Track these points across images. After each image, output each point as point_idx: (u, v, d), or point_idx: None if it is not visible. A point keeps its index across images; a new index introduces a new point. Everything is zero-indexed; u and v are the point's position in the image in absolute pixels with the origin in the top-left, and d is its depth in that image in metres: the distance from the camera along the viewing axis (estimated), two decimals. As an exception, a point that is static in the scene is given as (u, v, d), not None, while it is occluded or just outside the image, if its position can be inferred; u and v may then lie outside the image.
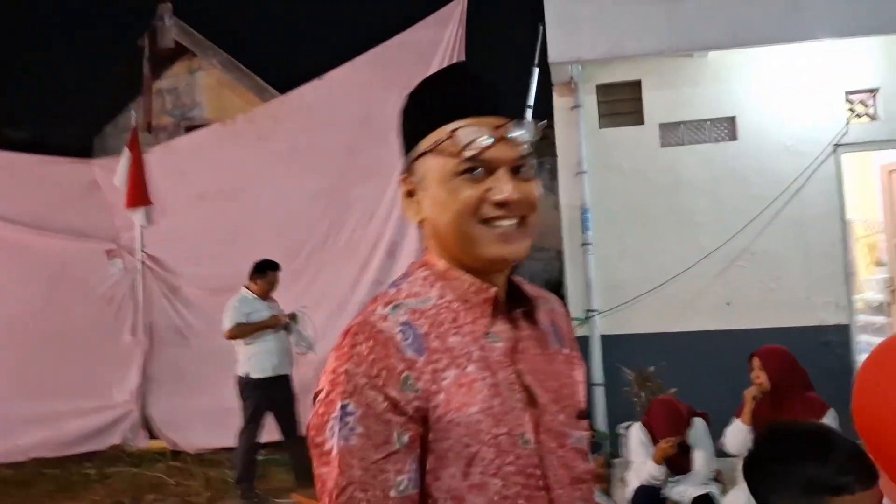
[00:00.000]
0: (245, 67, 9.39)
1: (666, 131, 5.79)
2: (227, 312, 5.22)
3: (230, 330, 5.16)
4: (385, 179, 6.29)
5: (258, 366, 5.17)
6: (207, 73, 9.94)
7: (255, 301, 5.31)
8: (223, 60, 9.42)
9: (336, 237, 6.46)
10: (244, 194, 6.63)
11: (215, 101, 9.81)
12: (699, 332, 5.60)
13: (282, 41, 11.09)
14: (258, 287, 5.34)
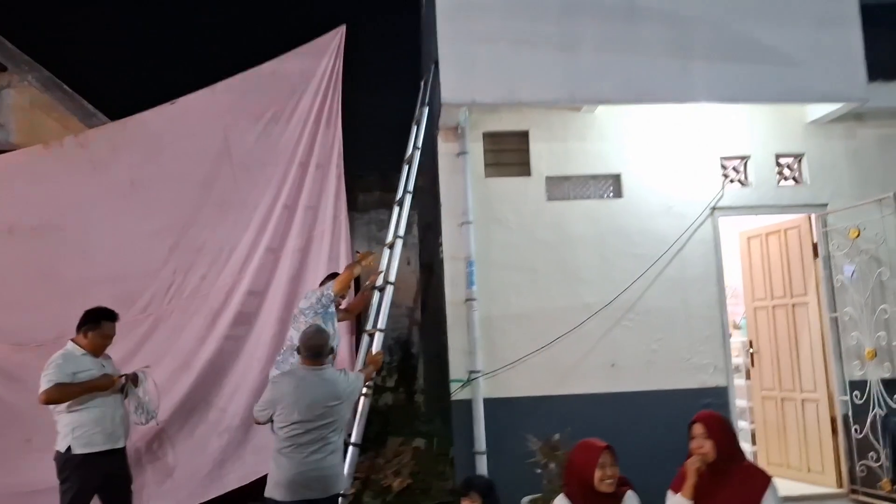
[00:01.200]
0: (69, 88, 8.30)
1: (552, 185, 5.68)
2: (46, 370, 4.28)
3: (47, 391, 4.21)
4: (243, 217, 5.68)
5: (84, 438, 4.27)
6: (18, 90, 8.69)
7: (83, 358, 4.41)
8: (41, 78, 8.28)
9: (182, 284, 5.65)
10: (68, 230, 5.66)
11: (26, 126, 8.58)
12: (586, 395, 5.42)
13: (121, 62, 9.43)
14: (89, 341, 4.45)
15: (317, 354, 4.05)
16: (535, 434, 4.99)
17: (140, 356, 5.31)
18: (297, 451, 3.88)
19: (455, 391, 5.35)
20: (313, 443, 3.91)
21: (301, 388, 3.91)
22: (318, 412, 3.91)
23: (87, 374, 4.34)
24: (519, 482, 4.75)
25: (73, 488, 4.21)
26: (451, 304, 5.47)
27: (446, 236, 5.53)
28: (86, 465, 4.24)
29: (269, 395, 3.91)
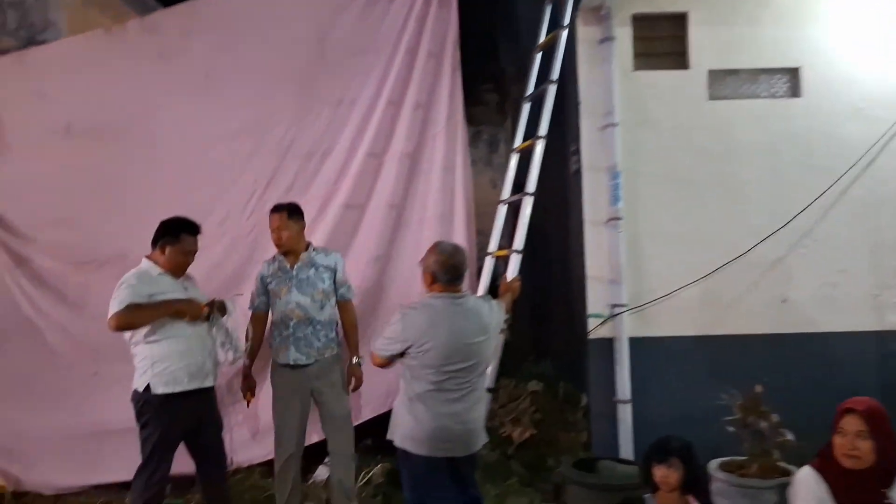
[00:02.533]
0: (125, -22, 7.41)
1: (715, 80, 4.68)
2: (117, 291, 3.52)
3: (117, 314, 3.45)
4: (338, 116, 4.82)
5: (165, 376, 3.55)
6: (69, -15, 7.86)
7: (161, 278, 3.65)
8: (94, -34, 7.41)
9: (263, 195, 4.84)
10: (132, 131, 4.86)
11: (77, 22, 7.72)
12: (750, 335, 4.54)
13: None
14: (167, 258, 3.68)
15: (458, 277, 3.25)
16: (682, 380, 4.30)
17: (216, 282, 4.56)
18: (438, 399, 3.11)
19: (593, 328, 4.51)
20: (458, 389, 3.14)
21: (442, 321, 3.12)
22: (463, 351, 3.13)
23: (165, 297, 3.59)
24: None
25: (154, 434, 3.52)
26: (589, 224, 4.58)
27: (585, 143, 4.60)
28: (168, 408, 3.54)
29: (399, 330, 3.11)
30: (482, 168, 9.49)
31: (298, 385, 4.00)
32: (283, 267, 4.06)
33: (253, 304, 4.16)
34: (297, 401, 4.00)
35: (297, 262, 4.03)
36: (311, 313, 3.99)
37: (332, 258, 4.14)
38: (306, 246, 4.10)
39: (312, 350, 4.00)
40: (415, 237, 4.75)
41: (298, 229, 4.05)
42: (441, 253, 3.26)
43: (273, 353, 4.08)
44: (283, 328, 4.01)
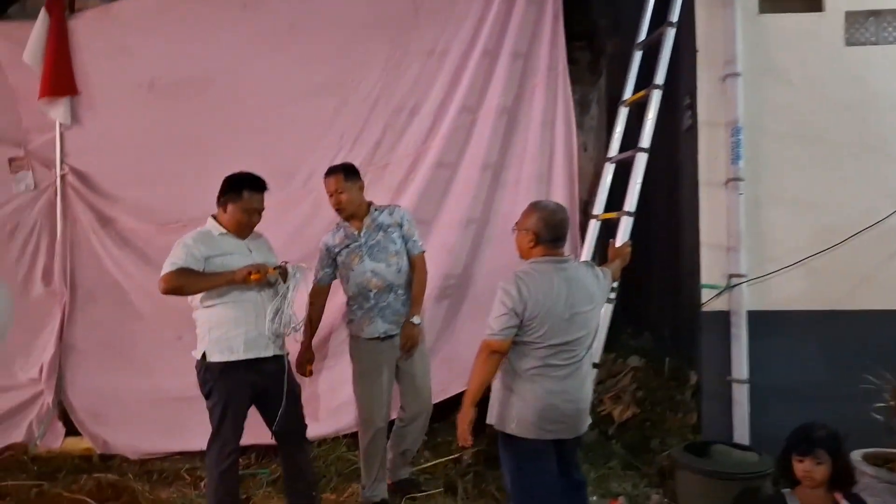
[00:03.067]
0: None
1: (853, 23, 4.14)
2: (173, 250, 3.29)
3: (165, 276, 3.21)
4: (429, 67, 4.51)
5: (222, 343, 3.30)
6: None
7: (222, 238, 3.38)
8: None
9: (350, 152, 4.59)
10: (216, 85, 4.70)
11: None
12: (889, 311, 4.04)
13: None
14: (229, 216, 3.41)
15: (561, 238, 2.94)
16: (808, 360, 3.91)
17: (296, 248, 4.35)
18: (545, 376, 2.80)
19: (708, 300, 4.10)
20: (566, 364, 2.84)
21: (548, 288, 2.80)
22: (570, 322, 2.82)
23: (226, 259, 3.30)
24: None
25: (219, 404, 3.31)
26: (705, 185, 4.15)
27: (702, 95, 4.15)
28: (228, 377, 3.30)
29: (516, 298, 2.77)
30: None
31: (386, 357, 3.77)
32: (349, 234, 3.79)
33: (316, 276, 3.88)
34: (384, 373, 3.77)
35: (362, 227, 3.75)
36: (389, 279, 3.73)
37: (398, 214, 3.83)
38: (367, 207, 3.81)
39: (400, 317, 3.75)
40: (511, 199, 4.42)
41: (357, 190, 3.76)
42: (543, 209, 2.94)
43: (354, 328, 3.82)
44: (362, 300, 3.75)
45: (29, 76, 4.71)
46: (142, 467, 4.43)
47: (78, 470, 4.39)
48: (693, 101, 4.21)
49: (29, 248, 4.75)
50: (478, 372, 2.81)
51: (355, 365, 3.84)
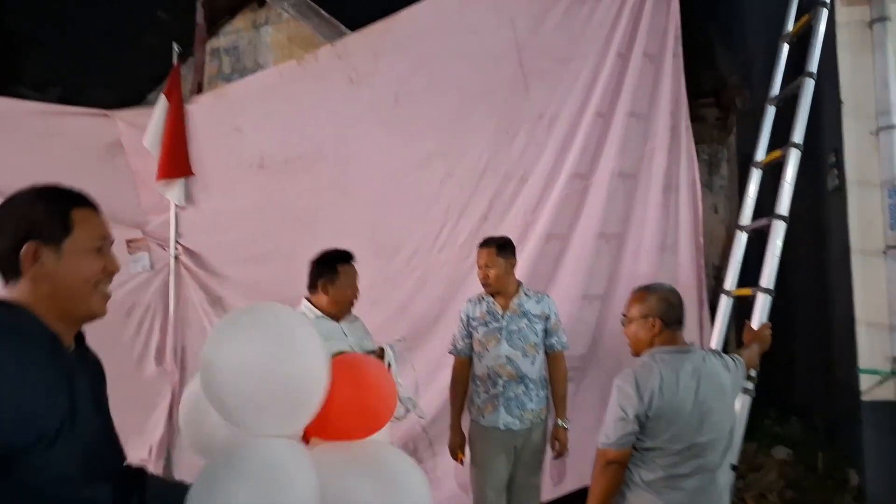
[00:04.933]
0: (327, 13, 7.44)
1: None
2: None
3: None
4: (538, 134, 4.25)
5: None
6: (276, 27, 8.08)
7: (319, 322, 3.16)
8: (298, 4, 7.51)
9: (456, 226, 4.38)
10: (323, 162, 4.63)
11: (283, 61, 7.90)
12: None
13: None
14: (331, 298, 3.21)
15: (682, 321, 2.55)
16: None
17: (400, 326, 4.17)
18: (673, 488, 2.38)
19: (869, 388, 3.50)
20: (698, 473, 2.40)
21: (673, 382, 2.39)
22: (701, 422, 2.39)
23: (330, 344, 3.11)
24: None
25: None
26: (858, 253, 3.61)
27: (850, 151, 3.64)
28: None
29: (635, 399, 2.39)
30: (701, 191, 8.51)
31: (504, 448, 3.47)
32: (492, 311, 3.56)
33: (456, 347, 3.67)
34: (502, 464, 3.47)
35: (507, 307, 3.53)
36: (522, 370, 3.47)
37: (546, 303, 3.59)
38: (517, 287, 3.57)
39: (526, 412, 3.47)
40: (631, 271, 4.03)
41: (508, 267, 3.55)
42: (660, 290, 2.57)
43: (475, 412, 3.56)
44: (489, 385, 3.50)
45: (148, 160, 4.83)
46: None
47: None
48: (839, 158, 3.72)
49: (144, 327, 4.78)
50: (595, 485, 2.43)
51: (472, 453, 3.57)
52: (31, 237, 1.39)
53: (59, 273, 1.41)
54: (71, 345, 1.48)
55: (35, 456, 1.26)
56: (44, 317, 1.39)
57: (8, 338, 1.31)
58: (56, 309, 1.41)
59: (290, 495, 1.41)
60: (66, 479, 1.32)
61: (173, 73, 5.05)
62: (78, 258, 1.43)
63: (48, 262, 1.40)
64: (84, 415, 1.39)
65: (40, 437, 1.27)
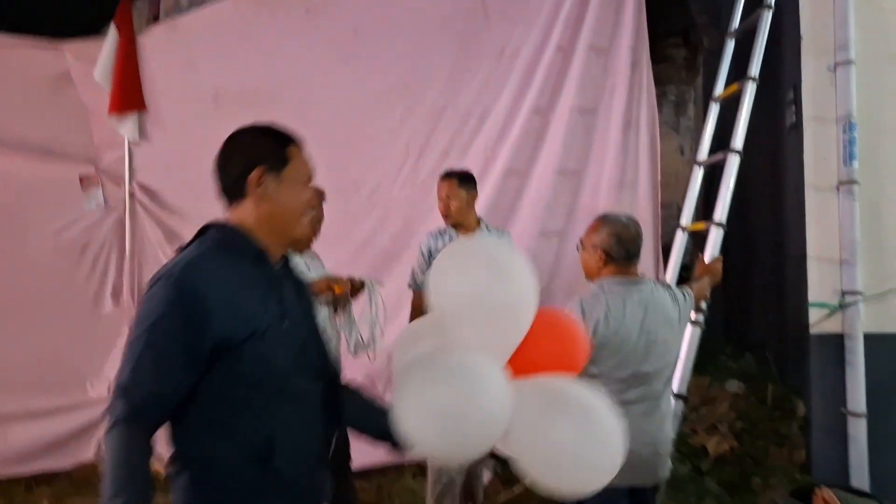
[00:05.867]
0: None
1: None
2: None
3: None
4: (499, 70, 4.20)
5: None
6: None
7: None
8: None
9: (417, 163, 4.36)
10: (280, 97, 4.50)
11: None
12: None
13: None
14: None
15: (635, 255, 2.60)
16: None
17: (361, 263, 4.16)
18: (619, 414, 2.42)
19: (817, 321, 3.59)
20: (641, 401, 2.47)
21: (620, 312, 2.44)
22: (647, 352, 2.46)
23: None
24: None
25: None
26: (812, 189, 3.65)
27: (808, 87, 3.65)
28: None
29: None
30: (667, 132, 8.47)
31: None
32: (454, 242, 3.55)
33: (416, 281, 3.68)
34: None
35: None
36: None
37: (506, 238, 3.63)
38: (477, 221, 3.57)
39: None
40: (590, 208, 4.04)
41: (469, 199, 3.54)
42: (613, 224, 2.59)
43: None
44: None
45: (100, 94, 4.68)
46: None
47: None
48: (797, 94, 3.72)
49: (99, 265, 4.71)
50: None
51: None
52: (258, 164, 1.64)
53: (278, 196, 1.64)
54: (279, 262, 1.71)
55: (248, 347, 1.53)
56: (256, 235, 1.64)
57: (224, 250, 1.61)
58: (270, 228, 1.65)
59: (484, 400, 1.54)
60: (275, 370, 1.57)
61: (123, 3, 4.88)
62: (293, 186, 1.67)
63: (270, 187, 1.64)
64: (292, 319, 1.65)
65: (252, 333, 1.53)
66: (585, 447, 1.62)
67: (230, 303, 1.53)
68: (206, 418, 1.54)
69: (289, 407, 1.59)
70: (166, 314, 1.49)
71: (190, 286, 1.51)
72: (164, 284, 1.53)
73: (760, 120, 3.80)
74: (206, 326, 1.49)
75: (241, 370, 1.53)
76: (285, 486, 1.58)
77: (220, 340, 1.50)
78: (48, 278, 4.66)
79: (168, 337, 1.48)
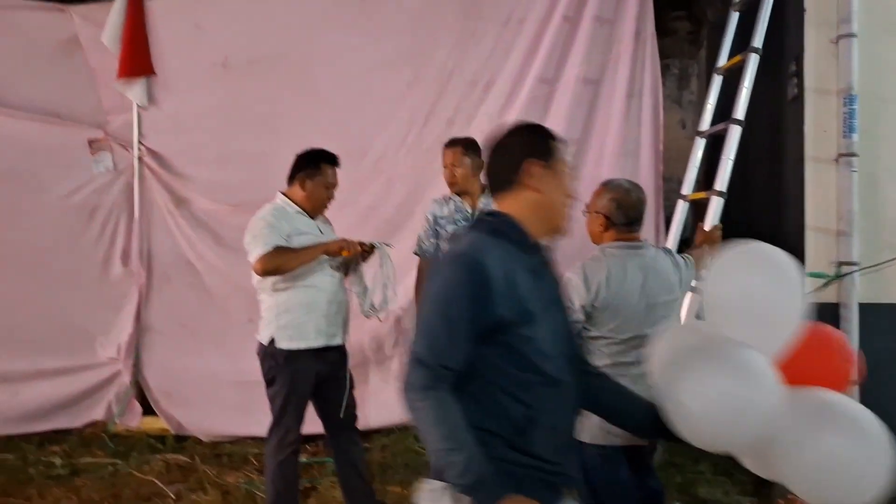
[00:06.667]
0: None
1: None
2: (254, 230, 3.19)
3: (263, 258, 3.11)
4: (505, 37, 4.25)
5: (290, 329, 3.20)
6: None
7: (298, 216, 3.29)
8: None
9: (422, 130, 4.43)
10: (287, 61, 4.60)
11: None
12: None
13: None
14: (307, 193, 3.30)
15: (636, 220, 2.69)
16: None
17: (367, 229, 4.20)
18: (617, 375, 2.45)
19: (814, 290, 3.67)
20: (638, 362, 2.54)
21: (621, 276, 2.54)
22: (646, 315, 2.54)
23: (305, 238, 3.23)
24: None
25: (281, 392, 3.22)
26: (812, 161, 3.69)
27: (810, 59, 3.69)
28: (294, 365, 3.20)
29: (583, 289, 2.52)
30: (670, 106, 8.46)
31: None
32: (460, 209, 3.65)
33: (421, 247, 3.75)
34: None
35: (474, 207, 3.61)
36: None
37: None
38: (482, 189, 3.63)
39: None
40: (593, 176, 4.10)
41: (475, 167, 3.60)
42: (615, 189, 2.67)
43: None
44: None
45: (108, 58, 4.72)
46: (212, 450, 4.43)
47: (152, 449, 4.46)
48: (799, 66, 3.75)
49: (108, 229, 4.79)
50: None
51: None
52: (531, 157, 1.74)
53: (547, 187, 1.75)
54: (540, 250, 1.82)
55: (521, 328, 1.65)
56: (526, 224, 1.75)
57: (500, 236, 1.72)
58: (536, 217, 1.76)
59: (762, 398, 1.64)
60: (541, 353, 1.67)
61: (131, -32, 4.89)
62: (560, 178, 1.78)
63: (541, 177, 1.74)
64: (552, 305, 1.77)
65: (524, 314, 1.65)
66: (855, 461, 1.64)
67: (510, 286, 1.64)
68: (474, 394, 1.64)
69: (549, 390, 1.69)
70: (459, 291, 1.63)
71: (478, 267, 1.63)
72: (456, 264, 1.70)
73: (762, 91, 3.83)
74: (490, 304, 1.61)
75: (512, 350, 1.65)
76: (541, 465, 1.68)
77: (498, 319, 1.62)
78: (58, 241, 4.75)
79: (460, 311, 1.62)
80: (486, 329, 1.62)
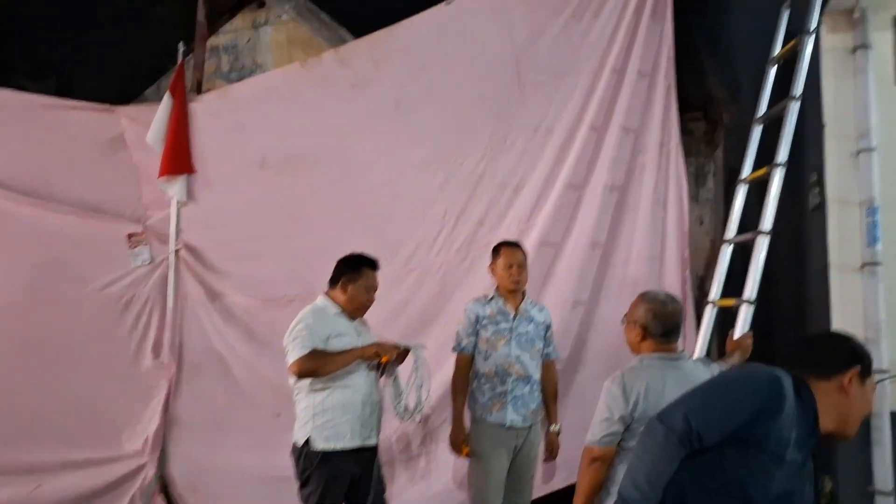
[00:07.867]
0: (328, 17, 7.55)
1: None
2: (294, 332, 3.31)
3: (300, 360, 3.23)
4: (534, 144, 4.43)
5: (327, 430, 3.29)
6: (275, 28, 8.17)
7: (338, 318, 3.42)
8: (298, 6, 7.62)
9: (453, 230, 4.56)
10: (324, 163, 4.80)
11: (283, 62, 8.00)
12: None
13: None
14: (348, 297, 3.44)
15: (674, 331, 2.73)
16: None
17: (398, 325, 4.36)
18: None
19: (844, 398, 3.68)
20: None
21: (660, 388, 2.55)
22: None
23: (343, 341, 3.33)
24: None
25: (315, 493, 3.27)
26: (836, 269, 3.77)
27: (831, 171, 3.82)
28: (330, 466, 3.26)
29: (621, 400, 2.54)
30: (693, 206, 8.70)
31: (507, 444, 3.68)
32: (503, 312, 3.75)
33: (460, 344, 3.81)
34: (503, 460, 3.67)
35: (517, 309, 3.74)
36: (529, 371, 3.70)
37: (545, 314, 3.87)
38: (523, 293, 3.80)
39: (528, 412, 3.70)
40: (619, 280, 4.22)
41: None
42: (652, 301, 2.72)
43: (478, 409, 3.74)
44: (497, 383, 3.68)
45: (151, 156, 4.95)
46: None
47: (175, 546, 4.41)
48: (820, 178, 3.89)
49: (142, 320, 4.89)
50: (581, 481, 2.57)
51: (474, 448, 3.72)
52: (854, 365, 2.01)
53: (857, 399, 2.04)
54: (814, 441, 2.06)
55: (757, 430, 1.85)
56: (823, 416, 1.99)
57: (801, 404, 1.95)
58: (839, 417, 2.03)
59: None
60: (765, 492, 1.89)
61: (178, 71, 5.18)
62: (867, 397, 2.10)
63: (856, 388, 2.01)
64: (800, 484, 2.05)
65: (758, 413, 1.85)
66: None
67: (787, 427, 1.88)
68: (703, 478, 1.87)
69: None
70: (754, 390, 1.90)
71: (780, 390, 1.88)
72: (761, 376, 1.95)
73: (783, 199, 3.96)
74: (763, 424, 1.84)
75: (766, 449, 1.86)
76: None
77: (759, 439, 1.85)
78: (92, 331, 4.85)
79: (742, 403, 1.87)
80: (743, 437, 1.83)
